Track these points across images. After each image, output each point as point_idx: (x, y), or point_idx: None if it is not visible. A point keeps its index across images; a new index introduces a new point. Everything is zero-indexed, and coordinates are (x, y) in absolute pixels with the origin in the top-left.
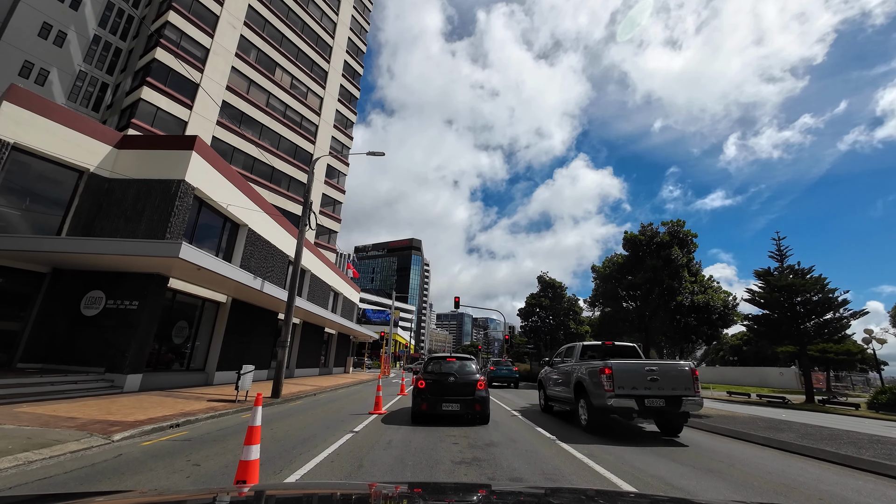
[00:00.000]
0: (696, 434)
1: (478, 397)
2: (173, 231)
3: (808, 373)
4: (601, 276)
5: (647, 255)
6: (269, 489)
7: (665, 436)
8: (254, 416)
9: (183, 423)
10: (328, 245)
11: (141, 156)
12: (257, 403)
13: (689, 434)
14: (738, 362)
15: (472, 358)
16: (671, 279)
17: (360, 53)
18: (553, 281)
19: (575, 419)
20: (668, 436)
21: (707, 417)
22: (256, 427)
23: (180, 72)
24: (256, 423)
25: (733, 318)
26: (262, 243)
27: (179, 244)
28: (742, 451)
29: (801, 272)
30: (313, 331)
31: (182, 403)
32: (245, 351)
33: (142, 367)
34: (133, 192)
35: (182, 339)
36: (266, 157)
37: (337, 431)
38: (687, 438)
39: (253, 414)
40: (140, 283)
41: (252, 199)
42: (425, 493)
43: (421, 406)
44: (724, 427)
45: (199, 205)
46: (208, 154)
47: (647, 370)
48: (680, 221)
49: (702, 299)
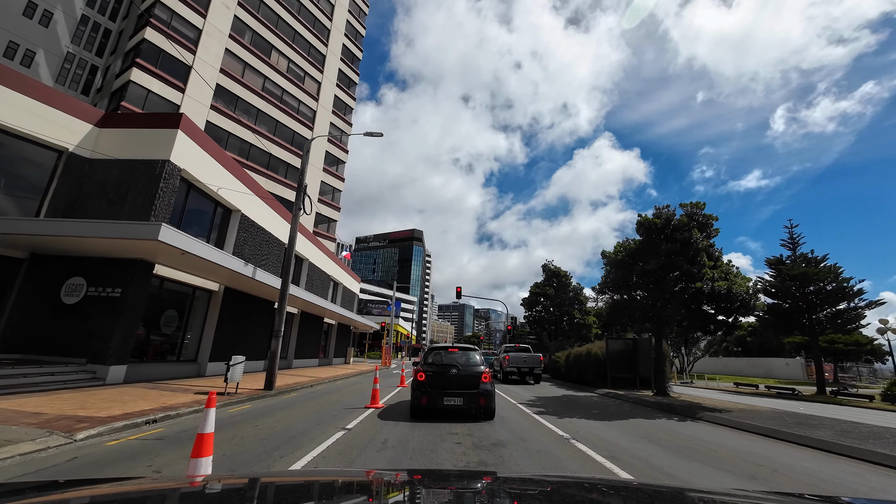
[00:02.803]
0: (721, 431)
1: (482, 391)
2: (158, 214)
3: (819, 364)
4: (612, 262)
5: (662, 240)
6: (265, 476)
7: (532, 383)
8: (204, 420)
9: (161, 418)
10: (327, 234)
11: (124, 135)
12: (210, 405)
13: (713, 431)
14: (742, 353)
15: (475, 348)
16: (689, 264)
17: (359, 37)
18: (558, 269)
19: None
20: (532, 383)
21: (727, 412)
22: (207, 435)
23: (171, 53)
24: (207, 429)
25: (755, 307)
26: (256, 230)
27: (159, 226)
28: (778, 451)
29: (814, 261)
30: (313, 321)
31: (166, 396)
32: (240, 341)
33: (126, 358)
34: (116, 174)
35: (171, 328)
36: (263, 144)
37: (328, 428)
38: (714, 436)
39: (203, 418)
40: (123, 269)
41: (245, 185)
42: (427, 481)
43: (421, 400)
44: (750, 423)
45: (188, 188)
46: (196, 134)
47: (523, 357)
48: (699, 203)
49: (723, 286)
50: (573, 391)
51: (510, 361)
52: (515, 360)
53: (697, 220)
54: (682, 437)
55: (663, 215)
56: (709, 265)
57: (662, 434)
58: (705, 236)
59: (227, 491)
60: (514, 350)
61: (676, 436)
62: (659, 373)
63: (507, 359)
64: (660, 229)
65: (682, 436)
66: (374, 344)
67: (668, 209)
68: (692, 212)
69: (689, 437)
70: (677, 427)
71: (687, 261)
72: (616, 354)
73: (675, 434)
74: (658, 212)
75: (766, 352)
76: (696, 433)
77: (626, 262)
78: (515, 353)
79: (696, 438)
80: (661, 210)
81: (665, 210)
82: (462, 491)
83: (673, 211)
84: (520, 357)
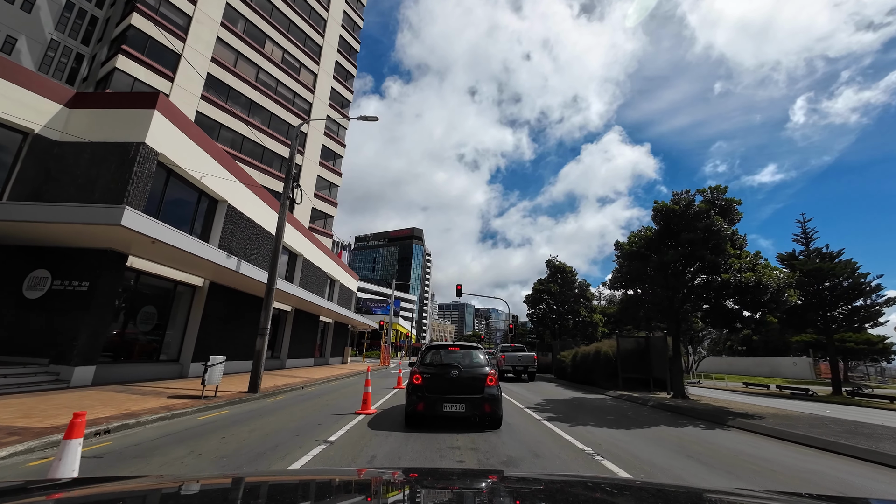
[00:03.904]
0: (763, 443)
1: (487, 395)
2: (132, 201)
3: (835, 363)
4: (626, 253)
5: (681, 227)
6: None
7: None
8: (58, 461)
9: (116, 428)
10: (324, 230)
11: (96, 116)
12: (73, 434)
13: (754, 442)
14: (747, 352)
15: (479, 347)
16: (713, 254)
17: (357, 28)
18: (563, 265)
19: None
20: (526, 379)
21: (760, 417)
22: None
23: (159, 40)
24: (61, 472)
25: (787, 300)
26: (245, 223)
27: (122, 209)
28: (847, 470)
29: (828, 255)
30: (308, 319)
31: (134, 401)
32: (227, 340)
33: (95, 358)
34: (87, 157)
35: (150, 326)
36: (257, 136)
37: (307, 441)
38: (758, 449)
39: (59, 456)
40: (91, 260)
41: (233, 174)
42: (425, 480)
43: (417, 406)
44: (794, 432)
45: (167, 175)
46: (176, 116)
47: (518, 356)
48: (720, 187)
49: (750, 278)
50: (582, 393)
51: (506, 360)
52: (511, 359)
53: (720, 206)
54: (723, 450)
55: (682, 201)
56: (734, 255)
57: (698, 446)
58: (728, 223)
59: (230, 489)
60: (510, 349)
61: (715, 449)
62: (676, 373)
63: (504, 358)
64: (679, 216)
65: (721, 449)
66: (374, 343)
67: (687, 194)
68: (714, 196)
69: (730, 451)
70: (711, 437)
71: (710, 250)
72: (627, 354)
73: (713, 446)
74: (676, 197)
75: (772, 350)
76: (735, 445)
77: (642, 253)
78: (511, 352)
79: (739, 453)
80: (679, 196)
81: (684, 195)
82: (470, 491)
83: (693, 196)
84: (515, 356)
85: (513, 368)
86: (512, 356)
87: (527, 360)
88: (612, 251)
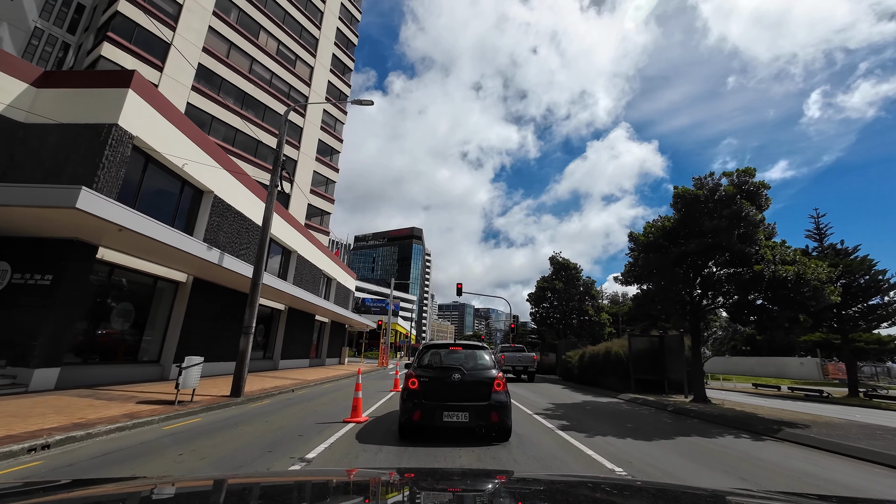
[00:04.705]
0: (827, 461)
1: (495, 402)
2: (103, 187)
3: (853, 364)
4: (641, 245)
5: (704, 215)
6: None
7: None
8: None
9: (59, 442)
10: (320, 227)
11: (65, 96)
12: None
13: (816, 459)
14: (751, 352)
15: (484, 346)
16: (742, 243)
17: (355, 21)
18: (567, 262)
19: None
20: (526, 379)
21: (805, 426)
22: None
23: (148, 28)
24: None
25: (828, 298)
26: (234, 215)
27: (78, 190)
28: None
29: (843, 252)
30: (303, 318)
31: (96, 408)
32: (214, 340)
33: (59, 360)
34: (54, 140)
35: (126, 324)
36: (251, 129)
37: (280, 459)
38: (825, 469)
39: None
40: (55, 251)
41: (221, 163)
42: (423, 481)
43: (412, 416)
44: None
45: (145, 161)
46: (154, 97)
47: (517, 357)
48: (749, 169)
49: (789, 271)
50: (592, 396)
51: (506, 360)
52: (511, 359)
53: (747, 191)
54: (780, 470)
55: (706, 185)
56: (766, 245)
57: (748, 464)
58: (758, 208)
59: (230, 489)
60: (510, 350)
61: (769, 469)
62: (696, 375)
63: (503, 358)
64: (702, 203)
65: (777, 469)
66: (372, 343)
67: (711, 178)
68: (741, 180)
69: (789, 472)
70: (756, 451)
71: (740, 239)
72: (640, 354)
73: (764, 464)
74: (699, 182)
75: (777, 350)
76: (789, 462)
77: (660, 244)
78: (511, 352)
79: (801, 473)
80: (703, 180)
81: (709, 179)
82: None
83: (718, 180)
84: (515, 356)
85: (512, 368)
86: (512, 356)
87: (526, 360)
88: (617, 251)
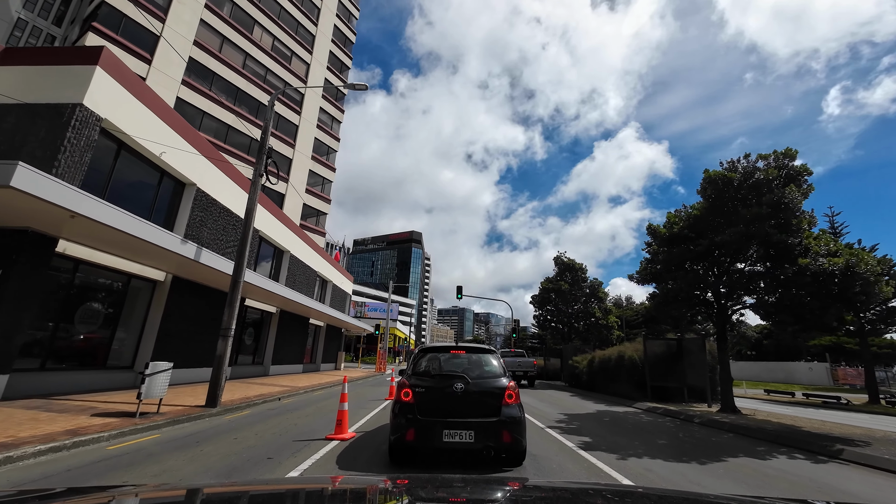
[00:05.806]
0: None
1: (507, 418)
2: (64, 173)
3: (871, 369)
4: (662, 238)
5: (738, 202)
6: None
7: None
8: None
9: None
10: (316, 228)
11: (26, 74)
12: None
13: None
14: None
15: (492, 350)
16: (782, 232)
17: (353, 18)
18: (572, 262)
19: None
20: (526, 384)
21: (865, 444)
22: None
23: (136, 19)
24: None
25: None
26: (218, 210)
27: (13, 165)
28: None
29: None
30: (296, 322)
31: (39, 421)
32: (195, 344)
33: (9, 366)
34: (11, 121)
35: (94, 326)
36: (244, 126)
37: None
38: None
39: None
40: (4, 242)
41: (204, 154)
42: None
43: (405, 435)
44: None
45: (118, 148)
46: (128, 80)
47: (518, 362)
48: (790, 151)
49: (838, 264)
50: (605, 405)
51: (506, 366)
52: (511, 364)
53: (787, 175)
54: None
55: (741, 169)
56: (810, 235)
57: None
58: (801, 195)
59: (230, 498)
60: (510, 355)
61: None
62: (725, 382)
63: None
64: (735, 188)
65: None
66: (370, 348)
67: (747, 159)
68: (782, 163)
69: None
70: (826, 477)
71: (779, 228)
72: (657, 359)
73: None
74: (733, 165)
75: (783, 355)
76: (871, 492)
77: (686, 235)
78: (511, 357)
79: None
80: (737, 163)
81: (746, 161)
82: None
83: (754, 163)
84: (514, 361)
85: (513, 374)
86: (512, 361)
87: (526, 365)
88: (622, 254)
